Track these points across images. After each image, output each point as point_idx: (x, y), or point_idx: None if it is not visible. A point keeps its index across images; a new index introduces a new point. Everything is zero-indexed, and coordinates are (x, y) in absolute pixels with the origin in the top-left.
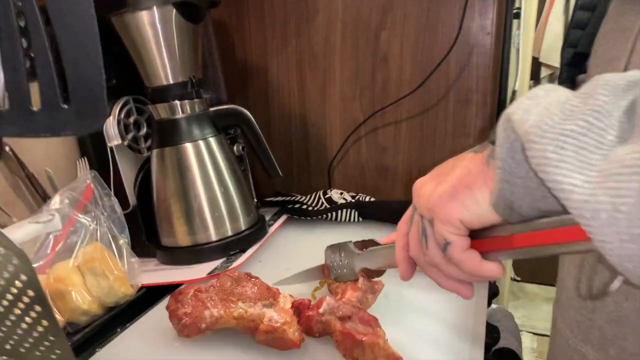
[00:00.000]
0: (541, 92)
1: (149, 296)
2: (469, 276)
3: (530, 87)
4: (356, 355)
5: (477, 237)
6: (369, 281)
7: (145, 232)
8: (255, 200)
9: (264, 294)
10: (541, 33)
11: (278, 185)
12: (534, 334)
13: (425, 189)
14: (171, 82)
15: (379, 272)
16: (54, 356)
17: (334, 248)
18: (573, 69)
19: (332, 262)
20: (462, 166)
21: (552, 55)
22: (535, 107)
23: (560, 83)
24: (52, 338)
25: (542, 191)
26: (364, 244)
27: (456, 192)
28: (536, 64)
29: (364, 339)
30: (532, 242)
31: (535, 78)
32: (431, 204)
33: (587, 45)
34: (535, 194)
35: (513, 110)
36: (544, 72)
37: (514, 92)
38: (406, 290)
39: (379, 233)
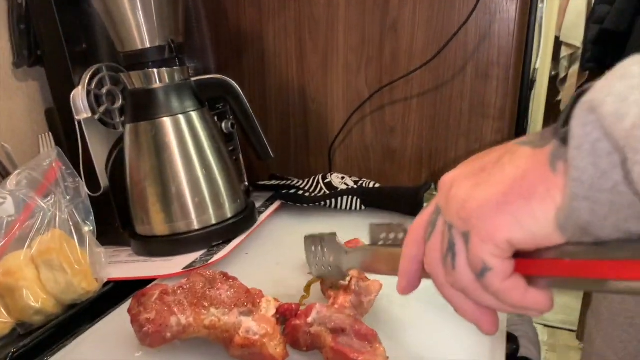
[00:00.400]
0: (637, 68)
1: (116, 292)
2: (505, 307)
3: (550, 68)
4: None
5: (521, 254)
6: (363, 281)
7: (119, 219)
8: (247, 184)
9: (242, 299)
10: (563, 9)
11: (274, 167)
12: (545, 325)
13: (459, 190)
14: (147, 45)
15: None
16: None
17: (314, 240)
18: (599, 48)
19: (312, 257)
20: (515, 165)
21: (574, 34)
22: (635, 92)
23: (584, 64)
24: None
25: (637, 209)
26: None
27: (506, 202)
28: (556, 44)
29: (359, 359)
30: (607, 274)
31: (555, 59)
32: (468, 214)
33: (615, 21)
34: (626, 213)
35: (598, 97)
36: (564, 52)
37: (534, 71)
38: (414, 292)
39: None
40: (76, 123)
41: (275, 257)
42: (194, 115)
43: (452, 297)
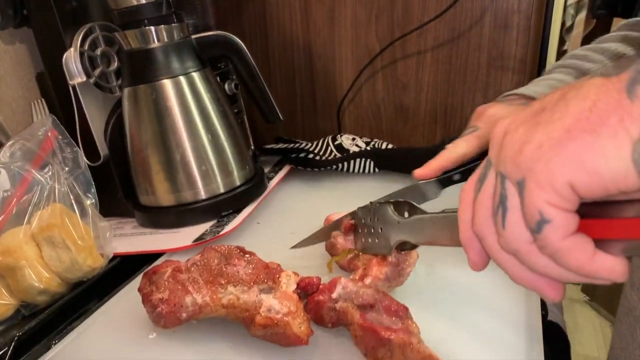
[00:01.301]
0: None
1: (124, 267)
2: (566, 274)
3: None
4: (381, 356)
5: (589, 214)
6: (401, 253)
7: (121, 189)
8: (253, 148)
9: (261, 275)
10: None
11: (279, 129)
12: None
13: (515, 134)
14: (142, 1)
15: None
16: None
17: (365, 210)
18: None
19: (362, 228)
20: (581, 97)
21: None
22: None
23: (594, 11)
24: None
25: None
26: (399, 208)
27: (569, 138)
28: None
29: (392, 337)
30: None
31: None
32: (524, 157)
33: None
34: None
35: None
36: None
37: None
38: (438, 262)
39: (399, 186)
40: (70, 88)
41: (288, 225)
42: (196, 76)
43: (505, 263)
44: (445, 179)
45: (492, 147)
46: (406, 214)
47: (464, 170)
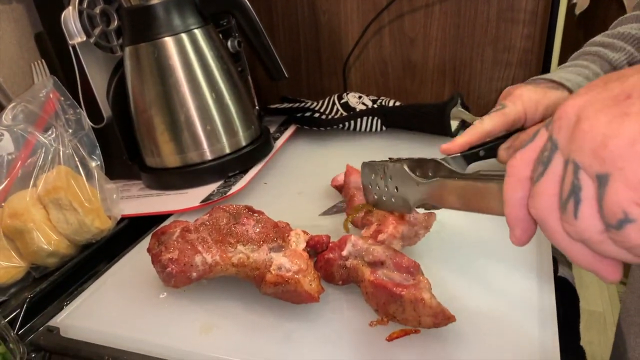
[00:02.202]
0: None
1: (132, 229)
2: (638, 259)
3: None
4: (392, 312)
5: None
6: (419, 213)
7: (126, 151)
8: (257, 108)
9: (270, 234)
10: None
11: (284, 89)
12: None
13: (596, 122)
14: None
15: None
16: None
17: (374, 168)
18: None
19: (372, 185)
20: None
21: None
22: None
23: None
24: None
25: None
26: (419, 166)
27: None
28: None
29: (403, 292)
30: None
31: None
32: (612, 152)
33: None
34: None
35: None
36: None
37: None
38: (448, 219)
39: (407, 145)
40: (70, 48)
41: (295, 185)
42: (198, 33)
43: (567, 246)
44: (471, 155)
45: (560, 130)
46: (430, 172)
47: (489, 147)
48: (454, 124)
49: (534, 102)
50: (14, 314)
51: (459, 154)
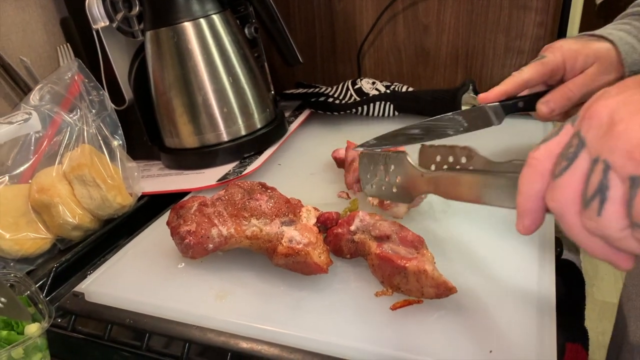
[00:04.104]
0: None
1: (151, 206)
2: None
3: None
4: (397, 283)
5: None
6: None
7: (147, 132)
8: (273, 93)
9: (282, 209)
10: None
11: (299, 75)
12: None
13: (631, 125)
14: None
15: None
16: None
17: (374, 158)
18: None
19: (370, 176)
20: None
21: None
22: None
23: None
24: None
25: None
26: (451, 153)
27: None
28: None
29: (407, 264)
30: None
31: None
32: None
33: None
34: None
35: None
36: None
37: None
38: None
39: None
40: (94, 33)
41: (308, 167)
42: (216, 18)
43: (584, 239)
44: (509, 105)
45: (590, 129)
46: (464, 159)
47: (528, 99)
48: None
49: (573, 52)
50: (41, 282)
51: (498, 103)
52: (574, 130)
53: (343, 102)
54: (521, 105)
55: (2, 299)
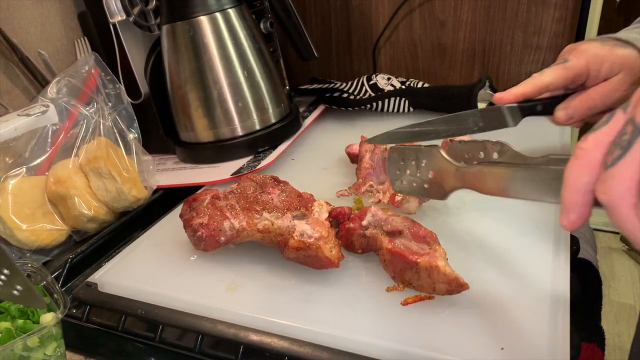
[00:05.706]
0: None
1: (166, 199)
2: None
3: None
4: (408, 278)
5: None
6: None
7: (162, 126)
8: (288, 88)
9: (294, 203)
10: None
11: (314, 70)
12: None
13: None
14: None
15: None
16: (16, 292)
17: (405, 153)
18: None
19: (400, 171)
20: None
21: None
22: None
23: None
24: (6, 272)
25: None
26: (482, 148)
27: None
28: None
29: (418, 260)
30: None
31: None
32: None
33: None
34: None
35: None
36: None
37: None
38: (468, 194)
39: None
40: (111, 27)
41: (322, 162)
42: (232, 12)
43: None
44: (527, 108)
45: None
46: (495, 155)
47: (547, 103)
48: (481, 107)
49: (599, 59)
50: (57, 273)
51: (516, 104)
52: (627, 117)
53: (358, 97)
54: (539, 109)
55: (19, 287)
